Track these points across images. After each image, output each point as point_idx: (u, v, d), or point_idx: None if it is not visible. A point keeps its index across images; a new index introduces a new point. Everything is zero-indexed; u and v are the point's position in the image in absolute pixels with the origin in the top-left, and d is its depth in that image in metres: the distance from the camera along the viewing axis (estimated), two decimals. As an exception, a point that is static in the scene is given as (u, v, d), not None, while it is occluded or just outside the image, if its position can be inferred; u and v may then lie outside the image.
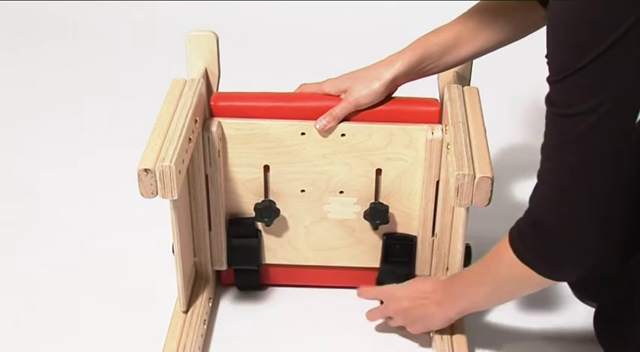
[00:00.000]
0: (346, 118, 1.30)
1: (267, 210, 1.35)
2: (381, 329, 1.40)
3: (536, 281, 1.12)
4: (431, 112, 1.29)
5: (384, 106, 1.30)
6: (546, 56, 1.00)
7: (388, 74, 1.27)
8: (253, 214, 1.36)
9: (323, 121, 1.29)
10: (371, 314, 1.38)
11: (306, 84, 1.34)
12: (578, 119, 0.98)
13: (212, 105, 1.31)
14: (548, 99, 1.01)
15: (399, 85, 1.30)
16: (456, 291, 1.25)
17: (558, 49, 0.98)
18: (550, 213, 1.06)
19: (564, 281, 1.13)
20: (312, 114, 1.29)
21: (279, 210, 1.35)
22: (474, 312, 1.30)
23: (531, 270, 1.10)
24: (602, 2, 0.91)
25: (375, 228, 1.37)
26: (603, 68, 0.94)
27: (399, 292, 1.32)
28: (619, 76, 0.95)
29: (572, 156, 1.01)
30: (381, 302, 1.36)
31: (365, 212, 1.35)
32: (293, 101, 1.31)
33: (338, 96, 1.30)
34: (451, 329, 1.33)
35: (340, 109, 1.29)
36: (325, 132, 1.29)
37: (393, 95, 1.31)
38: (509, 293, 1.21)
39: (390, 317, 1.34)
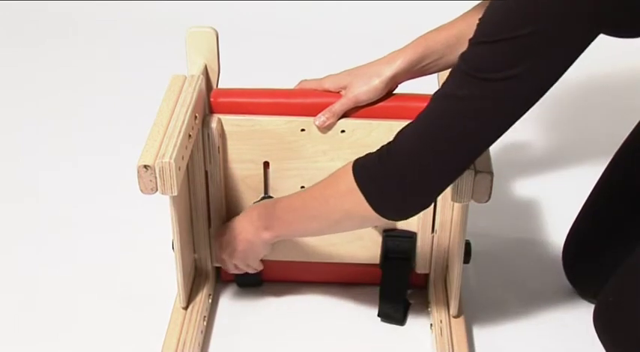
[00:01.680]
0: (346, 114, 1.30)
1: None
2: (382, 325, 1.40)
3: (363, 213, 1.13)
4: None
5: (383, 103, 1.29)
6: (479, 19, 1.03)
7: (388, 71, 1.26)
8: None
9: (322, 118, 1.29)
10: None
11: (306, 80, 1.34)
12: (484, 83, 1.02)
13: (212, 101, 1.30)
14: (462, 57, 1.04)
15: (400, 83, 1.30)
16: (277, 215, 1.25)
17: (495, 16, 1.01)
18: (415, 146, 1.08)
19: (390, 217, 1.14)
20: (311, 111, 1.29)
21: None
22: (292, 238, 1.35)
23: (363, 199, 1.11)
24: None
25: None
26: (523, 48, 0.98)
27: (225, 236, 1.34)
28: (535, 60, 0.99)
29: (463, 115, 1.04)
30: None
31: None
32: (293, 97, 1.31)
33: (338, 92, 1.30)
34: (450, 326, 1.32)
35: (339, 106, 1.29)
36: (325, 128, 1.29)
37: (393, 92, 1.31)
38: (335, 224, 1.20)
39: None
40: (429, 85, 1.35)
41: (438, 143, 1.07)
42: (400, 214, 1.15)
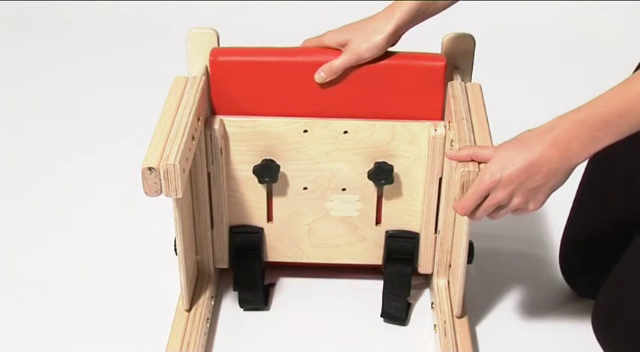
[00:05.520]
0: (348, 115, 1.29)
1: (267, 169, 1.32)
2: (385, 326, 1.40)
3: None
4: (436, 68, 1.27)
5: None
6: None
7: (390, 26, 1.24)
8: (255, 214, 1.37)
9: (322, 73, 1.27)
10: (476, 216, 1.16)
11: (308, 39, 1.32)
12: None
13: (211, 60, 1.28)
14: None
15: (402, 34, 1.27)
16: (590, 135, 1.07)
17: None
18: None
19: None
20: (313, 70, 1.27)
21: (279, 166, 1.33)
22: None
23: None
24: None
25: (378, 186, 1.34)
26: None
27: (506, 173, 1.10)
28: None
29: None
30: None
31: (369, 171, 1.33)
32: (294, 56, 1.28)
33: (338, 49, 1.27)
34: (454, 326, 1.32)
35: (340, 62, 1.26)
36: (327, 77, 1.27)
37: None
38: None
39: (496, 209, 1.15)
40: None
41: None
42: None
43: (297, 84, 1.28)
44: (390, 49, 1.28)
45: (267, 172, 1.32)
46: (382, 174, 1.32)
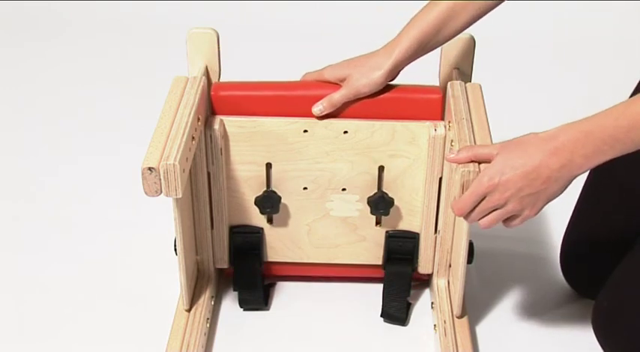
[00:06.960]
0: (349, 115, 1.30)
1: (268, 200, 1.34)
2: (385, 326, 1.40)
3: None
4: (433, 100, 1.29)
5: (386, 103, 1.29)
6: None
7: (388, 63, 1.26)
8: (255, 214, 1.36)
9: (320, 107, 1.29)
10: (471, 217, 1.15)
11: (309, 73, 1.33)
12: None
13: (212, 95, 1.30)
14: None
15: (401, 70, 1.29)
16: (594, 147, 1.06)
17: None
18: None
19: None
20: (312, 104, 1.29)
21: (280, 197, 1.34)
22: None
23: None
24: None
25: (373, 214, 1.35)
26: None
27: (504, 177, 1.09)
28: None
29: None
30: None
31: (369, 198, 1.34)
32: (294, 90, 1.30)
33: (337, 84, 1.29)
34: (454, 326, 1.32)
35: (339, 97, 1.28)
36: (325, 110, 1.28)
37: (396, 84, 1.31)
38: None
39: (489, 212, 1.13)
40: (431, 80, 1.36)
41: None
42: None
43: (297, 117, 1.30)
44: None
45: (269, 203, 1.34)
46: (382, 204, 1.33)
